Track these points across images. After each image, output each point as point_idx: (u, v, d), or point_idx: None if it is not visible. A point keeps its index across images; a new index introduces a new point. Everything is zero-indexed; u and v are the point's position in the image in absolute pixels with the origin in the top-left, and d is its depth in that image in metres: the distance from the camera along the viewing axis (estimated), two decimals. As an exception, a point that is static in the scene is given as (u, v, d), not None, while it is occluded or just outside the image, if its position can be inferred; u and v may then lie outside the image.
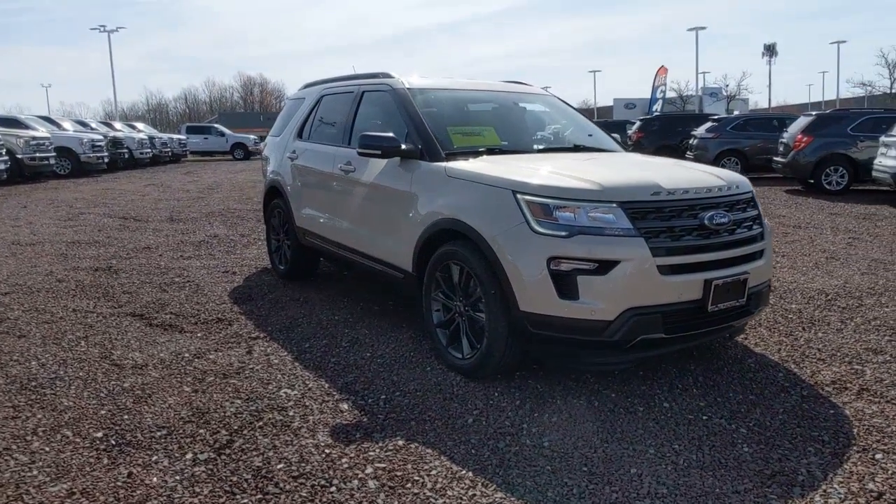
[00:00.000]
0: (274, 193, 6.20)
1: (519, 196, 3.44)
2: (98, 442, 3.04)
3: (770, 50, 75.64)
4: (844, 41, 57.78)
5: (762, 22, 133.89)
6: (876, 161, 11.94)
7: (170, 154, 27.62)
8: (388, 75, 4.93)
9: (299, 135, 5.85)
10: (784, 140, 14.04)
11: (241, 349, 4.27)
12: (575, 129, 5.00)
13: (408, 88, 4.63)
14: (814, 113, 14.39)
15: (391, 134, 4.24)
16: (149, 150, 24.83)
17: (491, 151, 4.22)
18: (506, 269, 3.42)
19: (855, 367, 3.90)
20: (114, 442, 3.04)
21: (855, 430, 3.10)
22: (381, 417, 3.30)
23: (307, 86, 6.31)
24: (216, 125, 34.99)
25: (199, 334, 4.59)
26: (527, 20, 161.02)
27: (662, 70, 27.23)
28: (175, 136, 30.04)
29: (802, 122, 13.90)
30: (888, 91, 63.35)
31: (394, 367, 3.95)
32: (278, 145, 6.19)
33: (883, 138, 11.90)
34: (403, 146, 4.19)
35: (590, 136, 4.94)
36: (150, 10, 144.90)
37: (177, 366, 3.97)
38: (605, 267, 3.24)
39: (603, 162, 4.24)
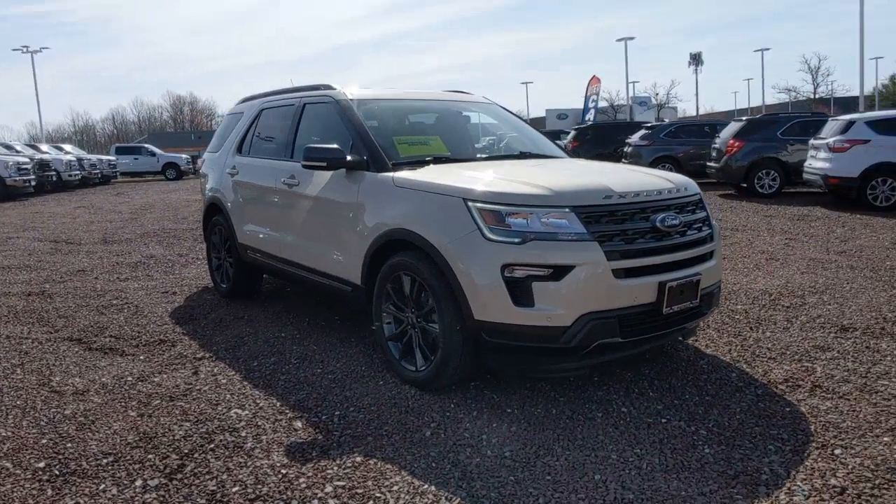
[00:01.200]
0: (214, 210, 6.00)
1: (470, 204, 3.40)
2: (41, 472, 2.84)
3: (696, 59, 78.57)
4: (768, 49, 60.51)
5: (688, 32, 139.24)
6: (806, 164, 12.44)
7: (99, 175, 26.61)
8: (329, 87, 4.85)
9: (239, 150, 5.69)
10: (716, 145, 14.52)
11: (187, 370, 4.08)
12: (519, 137, 5.02)
13: (350, 99, 4.56)
14: (744, 118, 14.94)
15: (336, 145, 4.15)
16: (77, 172, 23.86)
17: (438, 160, 4.18)
18: (458, 278, 3.37)
19: (805, 364, 4.00)
20: (58, 472, 2.85)
21: (812, 427, 3.16)
22: (336, 434, 3.19)
23: (245, 100, 6.16)
24: (147, 145, 33.91)
25: (141, 357, 4.37)
26: (456, 34, 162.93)
27: (595, 80, 27.89)
28: (104, 158, 28.96)
29: (734, 127, 14.40)
30: (812, 96, 66.71)
31: (346, 383, 3.84)
32: (217, 161, 6.01)
33: (812, 141, 12.43)
34: (349, 157, 4.10)
35: (534, 143, 4.96)
36: (76, 30, 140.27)
37: (120, 390, 3.77)
38: (559, 272, 3.23)
39: (551, 168, 4.25)
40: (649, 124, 19.67)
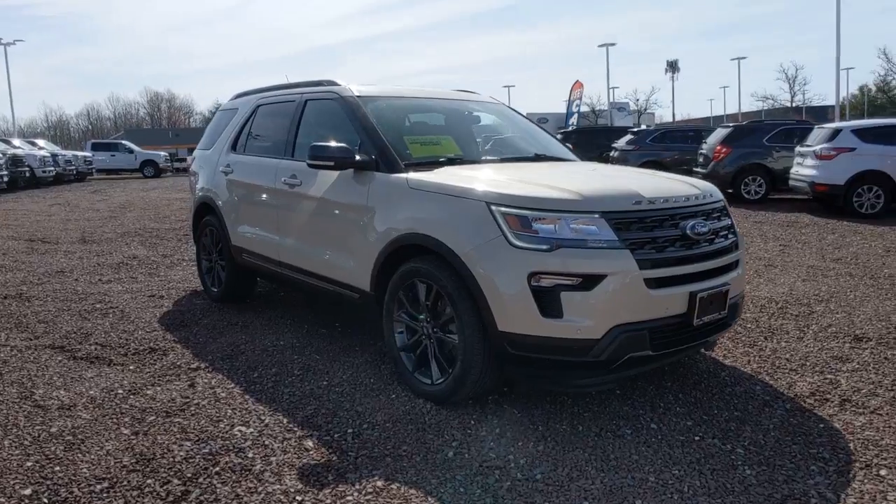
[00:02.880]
0: (205, 210, 5.73)
1: (493, 208, 3.20)
2: (27, 501, 2.58)
3: (673, 66, 79.58)
4: (745, 57, 61.37)
5: (666, 39, 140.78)
6: (792, 170, 12.48)
7: (74, 172, 25.90)
8: (333, 83, 4.62)
9: (233, 147, 5.43)
10: (703, 151, 14.52)
11: (182, 382, 3.82)
12: (530, 138, 4.83)
13: (357, 96, 4.34)
14: (731, 124, 14.97)
15: (344, 144, 3.93)
16: (52, 169, 23.19)
17: (451, 161, 3.97)
18: (482, 287, 3.17)
19: (828, 376, 3.86)
20: (46, 500, 2.58)
21: (851, 445, 3.02)
22: (352, 455, 2.97)
23: (240, 95, 5.89)
24: (124, 142, 33.15)
25: (131, 367, 4.10)
26: (438, 38, 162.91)
27: (578, 84, 27.92)
28: (80, 154, 28.23)
29: (720, 133, 14.42)
30: (789, 104, 67.83)
31: (355, 396, 3.62)
32: (209, 159, 5.74)
33: (799, 148, 12.47)
34: (358, 157, 3.89)
35: (545, 145, 4.78)
36: (51, 24, 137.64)
37: (110, 404, 3.50)
38: (590, 282, 3.05)
39: (573, 171, 4.07)
40: (635, 129, 19.68)
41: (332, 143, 3.92)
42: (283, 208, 4.59)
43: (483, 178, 3.51)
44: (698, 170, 14.66)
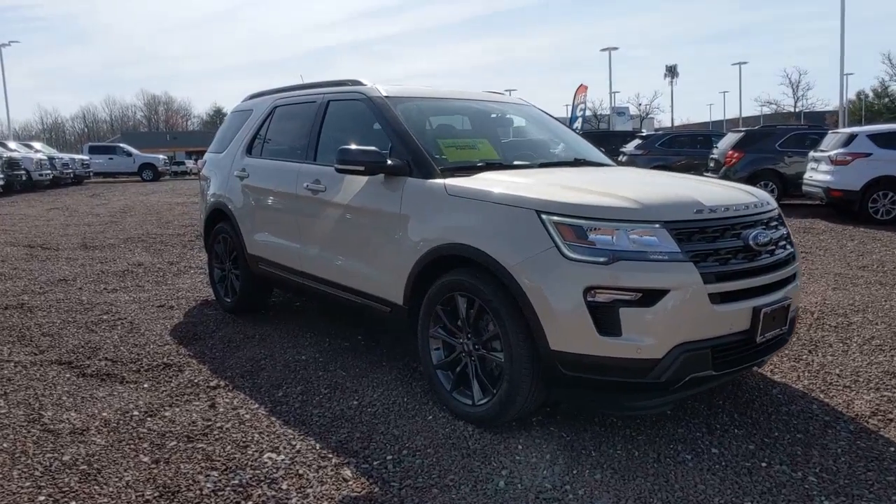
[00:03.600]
0: (218, 217, 5.49)
1: (545, 217, 2.97)
2: (38, 546, 2.33)
3: (672, 71, 79.70)
4: (745, 62, 61.47)
5: (664, 44, 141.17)
6: (806, 176, 12.30)
7: (72, 175, 25.59)
8: (358, 82, 4.39)
9: (248, 151, 5.19)
10: (715, 156, 14.34)
11: (202, 402, 3.58)
12: (565, 142, 4.60)
13: (386, 96, 4.11)
14: (743, 129, 14.80)
15: (374, 148, 3.69)
16: (49, 172, 22.88)
17: (490, 166, 3.74)
18: (532, 303, 2.94)
19: (884, 394, 3.64)
20: (61, 546, 2.33)
21: (933, 472, 2.79)
22: (395, 486, 2.73)
23: (254, 96, 5.66)
24: (122, 144, 32.83)
25: (145, 385, 3.85)
26: (434, 41, 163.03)
27: (582, 88, 27.75)
28: (77, 157, 27.92)
29: (732, 138, 14.25)
30: (793, 109, 68.01)
31: (390, 418, 3.38)
32: (221, 163, 5.50)
33: (813, 154, 12.28)
34: (390, 162, 3.66)
35: (583, 149, 4.55)
36: (47, 25, 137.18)
37: (126, 428, 3.25)
38: (651, 297, 2.82)
39: (622, 177, 3.85)
40: (644, 133, 19.53)
41: (362, 147, 3.69)
42: (306, 215, 4.35)
43: (529, 185, 3.28)
44: (709, 174, 14.49)
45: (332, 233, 4.11)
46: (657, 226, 2.90)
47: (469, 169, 3.67)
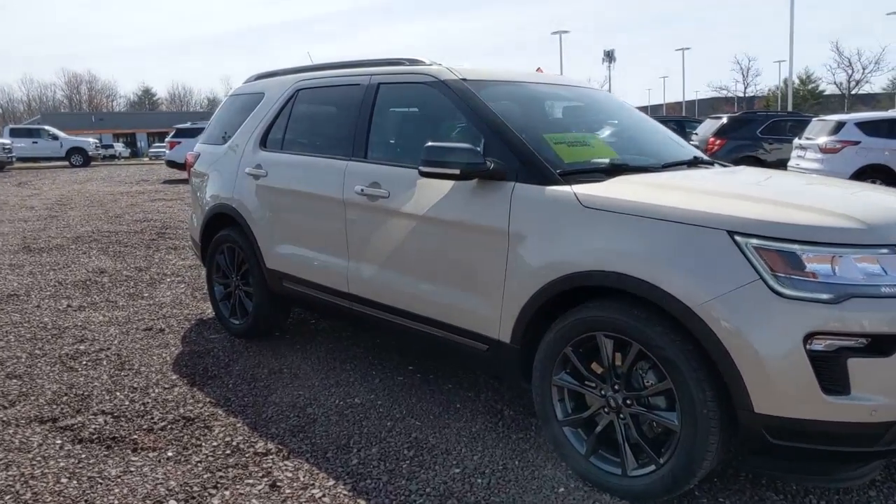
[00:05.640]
0: (221, 222, 4.56)
1: (741, 240, 2.27)
2: None
3: (609, 56, 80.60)
4: (689, 48, 62.58)
5: (604, 29, 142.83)
6: (792, 163, 12.09)
7: (-9, 161, 23.42)
8: (418, 61, 3.57)
9: (263, 143, 4.27)
10: (695, 143, 14.00)
11: (257, 479, 2.72)
12: (662, 135, 3.85)
13: (464, 79, 3.30)
14: (724, 116, 14.52)
15: (468, 145, 2.90)
16: (-35, 157, 20.79)
17: (617, 169, 3.00)
18: (731, 353, 2.23)
19: None
20: None
21: None
22: None
23: (262, 76, 4.73)
24: (47, 127, 30.30)
25: (168, 453, 2.96)
26: (376, 21, 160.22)
27: (539, 71, 27.26)
28: (-3, 140, 25.60)
29: (712, 125, 13.95)
30: (742, 95, 70.06)
31: (511, 492, 2.63)
32: (224, 158, 4.56)
33: (798, 141, 12.07)
34: (490, 164, 2.87)
35: (685, 144, 3.86)
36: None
37: (170, 534, 2.39)
38: (888, 344, 2.16)
39: (799, 184, 3.16)
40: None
41: (457, 144, 2.89)
42: (358, 226, 3.50)
43: (698, 195, 2.57)
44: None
45: (400, 250, 3.29)
46: (885, 251, 2.24)
47: (589, 172, 2.93)
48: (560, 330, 2.66)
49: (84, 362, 4.10)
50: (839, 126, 11.43)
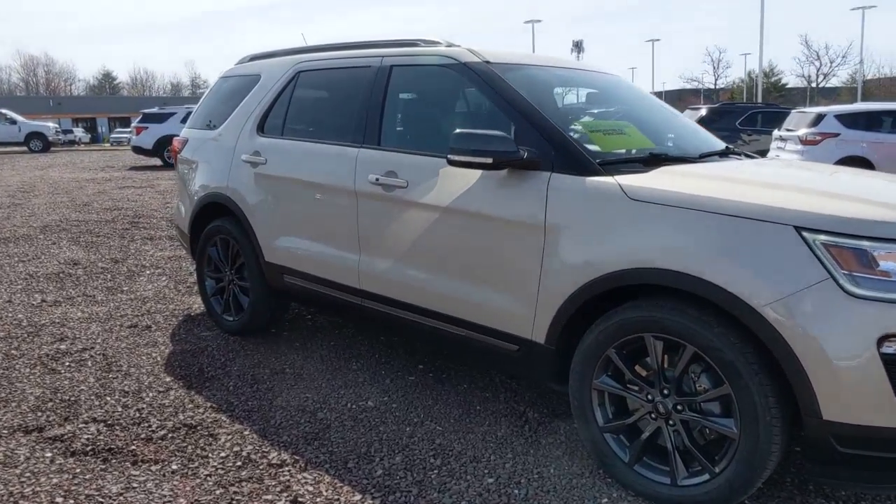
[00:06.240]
0: (213, 213, 4.29)
1: (809, 236, 2.12)
2: None
3: (578, 46, 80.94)
4: (658, 39, 63.17)
5: (572, 19, 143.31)
6: (772, 154, 12.15)
7: (-56, 146, 22.39)
8: (436, 42, 3.36)
9: (261, 128, 4.01)
10: (675, 134, 14.03)
11: (276, 495, 2.50)
12: (684, 125, 3.68)
13: (489, 62, 3.10)
14: (703, 106, 14.55)
15: (500, 132, 2.70)
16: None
17: (657, 160, 2.83)
18: (798, 357, 2.09)
19: None
20: None
21: None
22: None
23: (256, 58, 4.45)
24: (5, 111, 29.05)
25: (172, 466, 2.71)
26: (339, 6, 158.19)
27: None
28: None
29: (691, 116, 13.94)
30: (713, 86, 71.20)
31: (550, 505, 2.46)
32: (217, 143, 4.27)
33: (778, 133, 12.13)
34: (524, 152, 2.68)
35: (706, 134, 3.71)
36: None
37: (189, 563, 2.16)
38: (966, 347, 2.04)
39: (841, 175, 3.02)
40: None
41: (488, 132, 2.69)
42: (372, 218, 3.28)
43: (762, 187, 2.42)
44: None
45: (420, 244, 3.07)
46: None
47: (628, 162, 2.76)
48: (604, 330, 2.49)
49: (67, 363, 3.80)
50: (819, 118, 11.52)
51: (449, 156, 2.72)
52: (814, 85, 63.79)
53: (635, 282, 2.39)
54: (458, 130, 2.70)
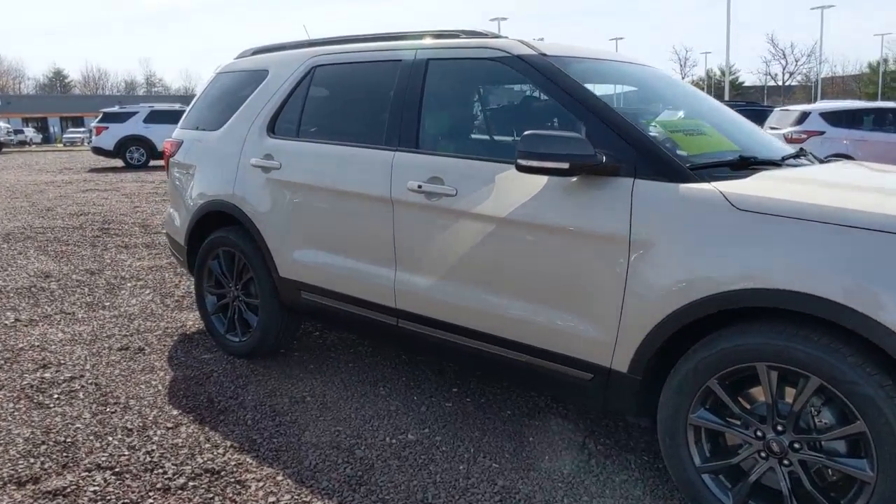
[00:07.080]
0: (217, 221, 3.87)
1: (964, 252, 1.85)
2: None
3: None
4: (622, 38, 63.85)
5: (548, 16, 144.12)
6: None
7: None
8: (481, 34, 3.02)
9: (272, 129, 3.61)
10: (656, 133, 13.95)
11: (332, 561, 2.14)
12: (746, 124, 3.38)
13: (547, 55, 2.77)
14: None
15: (575, 134, 2.38)
16: None
17: (747, 164, 2.53)
18: (963, 397, 1.81)
19: None
20: None
21: None
22: None
23: (261, 51, 4.04)
24: (-51, 110, 27.74)
25: (201, 525, 2.32)
26: (302, 3, 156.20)
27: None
28: None
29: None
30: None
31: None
32: (220, 146, 3.86)
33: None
34: (601, 156, 2.36)
35: (766, 136, 3.43)
36: None
37: None
38: None
39: None
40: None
41: (562, 133, 2.36)
42: (412, 229, 2.92)
43: (883, 195, 2.15)
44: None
45: (473, 259, 2.73)
46: None
47: (716, 166, 2.46)
48: (705, 359, 2.18)
49: (55, 396, 3.36)
50: (804, 116, 11.53)
51: (519, 160, 2.39)
52: (779, 83, 65.22)
53: (748, 304, 2.09)
54: (528, 132, 2.37)
